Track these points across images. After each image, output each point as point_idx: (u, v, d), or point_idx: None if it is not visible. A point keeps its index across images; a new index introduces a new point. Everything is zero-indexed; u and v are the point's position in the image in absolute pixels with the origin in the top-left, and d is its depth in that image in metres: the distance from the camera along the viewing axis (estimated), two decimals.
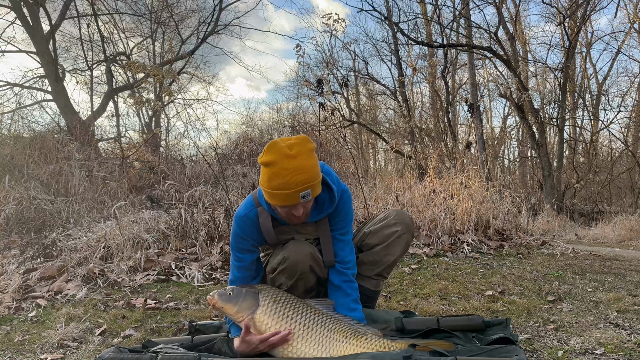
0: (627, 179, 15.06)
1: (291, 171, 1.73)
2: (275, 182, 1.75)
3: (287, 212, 1.84)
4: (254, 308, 1.80)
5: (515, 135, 21.20)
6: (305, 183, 1.75)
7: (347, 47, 15.20)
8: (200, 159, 8.43)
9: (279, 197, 1.77)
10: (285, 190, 1.74)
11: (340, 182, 2.03)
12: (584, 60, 18.04)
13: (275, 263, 1.99)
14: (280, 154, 1.75)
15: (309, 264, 1.95)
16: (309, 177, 1.76)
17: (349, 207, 2.05)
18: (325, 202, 1.98)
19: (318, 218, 2.01)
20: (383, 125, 19.77)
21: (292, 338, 1.75)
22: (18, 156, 7.44)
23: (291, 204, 1.79)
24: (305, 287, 2.01)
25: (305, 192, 1.76)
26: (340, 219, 2.03)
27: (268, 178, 1.77)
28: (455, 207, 5.02)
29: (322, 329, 1.78)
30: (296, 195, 1.75)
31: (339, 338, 1.77)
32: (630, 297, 2.93)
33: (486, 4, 12.97)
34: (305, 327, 1.77)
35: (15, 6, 10.57)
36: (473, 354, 1.67)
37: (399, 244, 2.15)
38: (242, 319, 1.78)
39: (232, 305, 1.81)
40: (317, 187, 1.83)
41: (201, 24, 15.62)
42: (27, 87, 12.79)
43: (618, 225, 9.32)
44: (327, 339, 1.77)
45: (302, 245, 1.97)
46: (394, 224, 2.14)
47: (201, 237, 4.02)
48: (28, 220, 5.22)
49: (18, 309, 2.88)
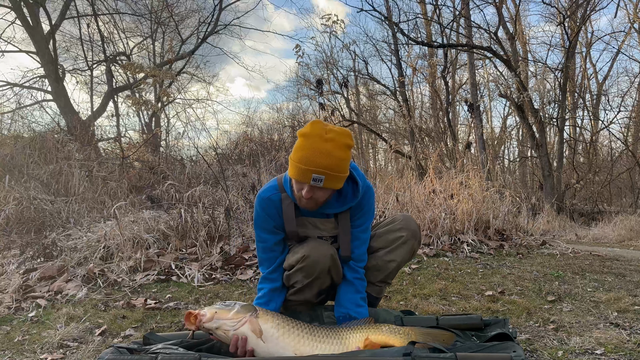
0: (627, 179, 15.06)
1: (316, 151, 1.75)
2: (298, 155, 1.78)
3: (298, 190, 1.85)
4: (255, 311, 1.73)
5: (515, 135, 21.23)
6: (323, 168, 1.75)
7: (347, 47, 15.21)
8: (200, 159, 8.43)
9: (294, 168, 1.79)
10: (302, 165, 1.76)
11: (365, 179, 2.03)
12: (584, 60, 18.07)
13: (294, 260, 1.95)
14: (316, 133, 1.78)
15: (329, 265, 1.94)
16: (329, 165, 1.75)
17: (371, 205, 2.05)
18: (348, 195, 1.98)
19: (339, 210, 1.99)
20: (383, 125, 19.78)
21: (302, 334, 1.71)
22: (18, 156, 7.44)
23: (302, 181, 1.79)
24: (320, 288, 2.00)
25: (318, 176, 1.75)
26: (361, 215, 2.03)
27: (295, 148, 1.81)
28: (455, 207, 5.02)
29: (331, 330, 1.79)
30: (308, 174, 1.75)
31: (346, 330, 1.79)
32: (630, 297, 2.93)
33: (486, 4, 12.98)
34: (310, 327, 1.76)
35: (15, 6, 10.57)
36: (472, 351, 1.67)
37: (403, 249, 2.11)
38: (243, 321, 1.67)
39: (228, 310, 1.69)
40: (336, 181, 1.81)
41: (201, 24, 15.64)
42: (27, 87, 12.80)
43: (618, 225, 9.33)
44: (334, 331, 1.77)
45: (324, 245, 1.96)
46: (400, 229, 2.10)
47: (201, 237, 4.02)
48: (28, 220, 5.22)
49: (18, 309, 2.88)
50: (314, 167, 1.74)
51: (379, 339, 1.78)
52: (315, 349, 1.69)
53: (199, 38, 15.47)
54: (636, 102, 17.20)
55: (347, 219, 2.01)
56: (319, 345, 1.70)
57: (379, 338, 1.78)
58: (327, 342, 1.73)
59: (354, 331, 1.78)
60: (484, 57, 14.90)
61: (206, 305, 2.91)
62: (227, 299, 3.05)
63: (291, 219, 1.96)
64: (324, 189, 1.82)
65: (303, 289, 1.98)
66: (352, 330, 1.79)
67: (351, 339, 1.76)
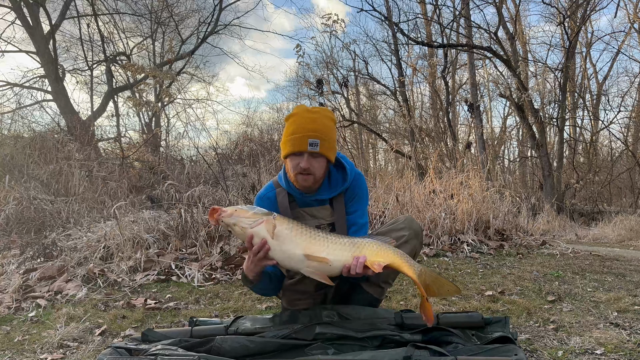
0: (627, 179, 15.07)
1: (306, 120, 1.92)
2: (291, 128, 1.92)
3: (296, 167, 1.92)
4: (273, 214, 1.78)
5: (515, 135, 21.22)
6: (316, 132, 1.89)
7: (347, 47, 15.21)
8: (200, 159, 8.43)
9: (290, 142, 1.91)
10: (296, 134, 1.89)
11: (354, 166, 2.11)
12: (584, 60, 18.07)
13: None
14: (302, 109, 1.97)
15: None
16: (321, 129, 1.90)
17: (364, 190, 2.11)
18: (339, 181, 2.06)
19: (332, 195, 2.05)
20: (383, 125, 19.78)
21: (314, 236, 1.76)
22: (18, 156, 7.44)
23: (299, 150, 1.89)
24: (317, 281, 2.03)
25: (314, 140, 1.88)
26: (355, 200, 2.08)
27: (286, 128, 1.95)
28: (455, 207, 5.02)
29: (343, 236, 1.83)
30: (304, 140, 1.87)
31: (363, 241, 1.81)
32: (630, 297, 2.93)
33: (486, 4, 12.99)
34: (326, 232, 1.81)
35: (15, 6, 10.58)
36: (472, 354, 1.67)
37: (405, 249, 2.06)
38: (260, 221, 1.73)
39: (248, 210, 1.76)
40: (329, 148, 1.93)
41: (201, 24, 15.65)
42: (27, 87, 12.81)
43: (618, 225, 9.32)
44: (349, 238, 1.81)
45: None
46: (402, 229, 2.10)
47: (201, 237, 4.02)
48: (28, 220, 5.22)
49: (18, 309, 2.88)
50: (308, 132, 1.88)
51: (392, 259, 1.79)
52: (324, 249, 1.75)
53: (199, 38, 15.48)
54: (636, 102, 17.22)
55: (341, 203, 2.07)
56: (329, 246, 1.76)
57: (391, 259, 1.79)
58: (338, 246, 1.77)
59: (369, 243, 1.80)
60: (484, 57, 14.90)
61: (206, 306, 2.91)
62: (227, 299, 3.05)
63: (287, 210, 2.03)
64: (319, 159, 1.93)
65: (303, 279, 2.02)
66: (367, 242, 1.80)
67: (363, 248, 1.78)
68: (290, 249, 1.74)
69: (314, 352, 1.78)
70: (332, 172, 2.08)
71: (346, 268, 1.76)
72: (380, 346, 1.85)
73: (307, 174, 1.92)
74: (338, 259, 1.76)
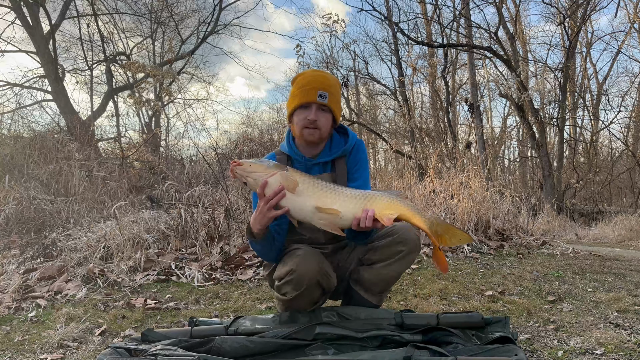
0: (627, 179, 15.06)
1: (315, 75, 2.01)
2: (299, 84, 1.99)
3: (304, 121, 1.97)
4: (285, 169, 1.81)
5: (515, 135, 21.22)
6: (325, 84, 1.96)
7: (347, 47, 15.19)
8: (200, 159, 8.43)
9: (299, 94, 1.97)
10: (306, 86, 1.96)
11: (355, 134, 2.17)
12: (584, 60, 18.07)
13: (283, 273, 1.95)
14: (310, 70, 2.07)
15: (317, 279, 1.92)
16: (330, 83, 1.98)
17: (365, 158, 2.15)
18: (340, 143, 2.11)
19: (333, 156, 2.08)
20: (383, 125, 19.77)
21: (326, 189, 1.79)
22: (18, 156, 7.44)
23: (308, 101, 1.95)
24: (310, 298, 1.99)
25: (323, 92, 1.95)
26: (358, 167, 2.11)
27: (293, 89, 2.01)
28: (455, 207, 5.02)
29: (354, 189, 1.85)
30: (314, 92, 1.94)
31: (372, 194, 1.83)
32: (631, 297, 2.93)
33: (486, 4, 12.99)
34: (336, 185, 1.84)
35: (15, 6, 10.58)
36: (473, 354, 1.67)
37: (402, 263, 2.04)
38: (273, 172, 1.77)
39: (262, 164, 1.80)
40: (336, 103, 2.01)
41: (201, 24, 15.65)
42: (27, 87, 12.80)
43: (618, 225, 9.32)
44: (360, 192, 1.83)
45: (313, 257, 1.93)
46: (399, 243, 2.01)
47: (201, 237, 4.02)
48: (28, 220, 5.22)
49: (18, 309, 2.88)
50: (318, 84, 1.95)
51: (402, 211, 1.81)
52: (335, 202, 1.78)
53: (199, 38, 15.48)
54: (636, 102, 17.21)
55: (343, 165, 2.09)
56: (340, 198, 1.79)
57: (401, 210, 1.81)
58: (349, 198, 1.80)
59: (379, 196, 1.82)
60: (484, 57, 14.90)
61: (206, 306, 2.91)
62: (227, 299, 3.05)
63: None
64: (327, 114, 1.99)
65: (295, 299, 1.98)
66: (377, 195, 1.83)
67: (373, 202, 1.80)
68: (302, 200, 1.78)
69: (314, 352, 1.78)
70: (334, 136, 2.13)
71: (356, 220, 1.78)
72: (380, 346, 1.85)
73: (314, 128, 1.97)
74: (349, 210, 1.78)
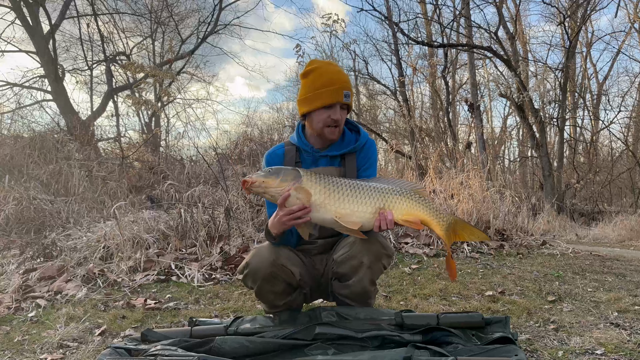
0: (627, 179, 15.05)
1: (334, 72, 1.98)
2: (320, 81, 1.95)
3: (326, 120, 1.96)
4: (299, 177, 1.79)
5: (515, 135, 21.21)
6: (347, 83, 1.97)
7: (347, 47, 15.21)
8: (200, 159, 8.43)
9: (325, 94, 1.94)
10: (331, 86, 1.93)
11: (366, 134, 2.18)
12: (584, 60, 18.07)
13: (241, 267, 2.06)
14: (321, 62, 2.03)
15: (270, 270, 1.96)
16: (348, 81, 1.98)
17: (376, 157, 2.16)
18: (352, 139, 2.11)
19: (343, 151, 2.08)
20: (383, 125, 19.77)
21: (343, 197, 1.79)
22: (18, 156, 7.44)
23: (334, 101, 1.94)
24: (271, 290, 2.02)
25: (347, 92, 1.95)
26: (369, 165, 2.12)
27: (311, 82, 1.97)
28: (455, 207, 5.02)
29: (371, 186, 1.84)
30: (339, 92, 1.93)
31: (389, 192, 1.83)
32: (631, 297, 2.93)
33: (486, 3, 12.97)
34: (352, 185, 1.82)
35: (15, 6, 10.57)
36: (473, 354, 1.66)
37: (372, 272, 1.99)
38: (288, 189, 1.77)
39: (275, 178, 1.78)
40: (352, 100, 2.02)
41: (201, 24, 15.64)
42: (27, 87, 12.78)
43: (618, 225, 9.32)
44: (377, 194, 1.82)
45: (265, 252, 1.99)
46: (356, 256, 1.94)
47: (201, 237, 4.02)
48: (28, 220, 5.22)
49: (18, 309, 2.87)
50: (342, 83, 1.94)
51: (420, 217, 1.84)
52: (354, 211, 1.79)
53: (199, 38, 15.46)
54: (636, 102, 17.22)
55: (353, 162, 2.09)
56: (358, 208, 1.80)
57: (420, 216, 1.83)
58: (367, 205, 1.80)
59: (399, 200, 1.83)
60: (484, 57, 14.89)
61: (206, 306, 2.91)
62: (227, 299, 3.05)
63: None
64: (345, 111, 2.00)
65: (259, 293, 2.05)
66: (396, 196, 1.83)
67: (393, 204, 1.81)
68: (321, 214, 1.80)
69: (314, 352, 1.78)
70: (345, 131, 2.12)
71: (376, 225, 1.80)
72: (380, 346, 1.85)
73: (336, 126, 1.99)
74: (368, 220, 1.81)
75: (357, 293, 2.04)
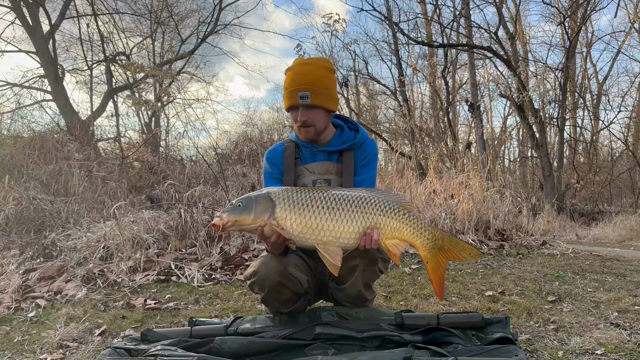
0: (627, 179, 15.04)
1: (298, 73, 1.97)
2: (286, 82, 1.99)
3: (296, 121, 2.01)
4: (272, 208, 1.70)
5: (515, 135, 21.19)
6: (306, 84, 1.94)
7: (347, 47, 15.19)
8: (200, 159, 8.43)
9: (285, 96, 2.00)
10: (289, 88, 1.96)
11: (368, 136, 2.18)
12: (584, 60, 18.05)
13: (248, 274, 2.03)
14: (298, 62, 2.03)
15: (277, 280, 1.93)
16: (310, 81, 1.94)
17: (374, 157, 2.15)
18: (350, 136, 2.13)
19: (341, 146, 2.10)
20: (383, 125, 19.76)
21: (321, 220, 1.71)
22: (18, 156, 7.43)
23: (292, 104, 1.98)
24: (277, 298, 2.01)
25: (303, 93, 1.93)
26: (366, 164, 2.11)
27: (284, 83, 2.01)
28: (455, 207, 5.02)
29: (353, 204, 1.75)
30: (295, 94, 1.95)
31: (373, 211, 1.76)
32: (631, 297, 2.92)
33: (486, 3, 12.96)
34: (331, 207, 1.73)
35: (15, 6, 10.57)
36: (473, 354, 1.66)
37: (366, 275, 2.00)
38: (263, 224, 1.69)
39: (247, 214, 1.69)
40: (324, 98, 1.97)
41: (201, 24, 15.62)
42: (27, 87, 12.78)
43: (618, 225, 9.30)
44: (357, 214, 1.74)
45: (274, 261, 1.95)
46: (354, 257, 1.94)
47: (201, 237, 4.02)
48: (28, 220, 5.21)
49: (18, 309, 2.87)
50: (297, 85, 1.94)
51: (405, 238, 1.78)
52: (337, 238, 1.73)
53: (199, 38, 15.46)
54: (636, 102, 17.20)
55: (351, 159, 2.09)
56: (341, 234, 1.73)
57: (404, 237, 1.78)
58: (348, 228, 1.73)
59: (383, 218, 1.76)
60: (484, 57, 14.87)
61: (206, 306, 2.91)
62: (226, 299, 3.04)
63: (290, 168, 2.09)
64: (315, 110, 1.98)
65: (264, 300, 2.04)
66: (380, 216, 1.76)
67: (379, 223, 1.75)
68: (302, 242, 1.77)
69: (314, 353, 1.78)
70: (345, 129, 2.14)
71: (361, 245, 1.78)
72: (381, 346, 1.85)
73: (307, 126, 2.00)
74: (350, 243, 1.76)
75: (352, 296, 2.04)
